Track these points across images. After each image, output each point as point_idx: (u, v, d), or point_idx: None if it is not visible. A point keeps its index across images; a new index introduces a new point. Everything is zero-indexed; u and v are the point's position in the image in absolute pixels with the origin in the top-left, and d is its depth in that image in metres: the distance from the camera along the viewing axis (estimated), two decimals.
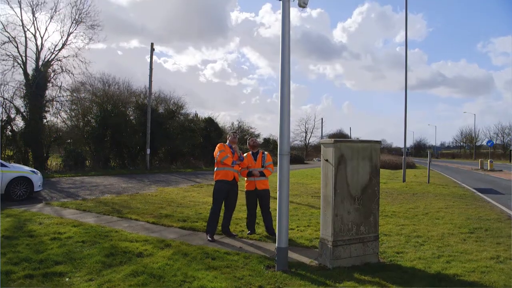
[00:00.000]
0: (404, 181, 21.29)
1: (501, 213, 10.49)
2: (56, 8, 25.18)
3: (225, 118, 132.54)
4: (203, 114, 40.90)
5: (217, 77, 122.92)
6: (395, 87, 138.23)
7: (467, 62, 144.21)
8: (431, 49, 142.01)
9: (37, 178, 12.31)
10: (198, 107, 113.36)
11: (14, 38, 23.79)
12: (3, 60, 23.46)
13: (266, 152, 7.72)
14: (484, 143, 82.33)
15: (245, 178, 7.49)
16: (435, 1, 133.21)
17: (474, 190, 16.90)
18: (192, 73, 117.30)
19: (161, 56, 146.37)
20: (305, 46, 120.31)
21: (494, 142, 79.01)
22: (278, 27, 5.66)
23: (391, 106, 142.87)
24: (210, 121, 36.13)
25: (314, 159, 66.94)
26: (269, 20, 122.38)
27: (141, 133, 29.02)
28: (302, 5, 5.82)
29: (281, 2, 5.68)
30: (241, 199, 7.95)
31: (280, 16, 5.59)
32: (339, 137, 60.42)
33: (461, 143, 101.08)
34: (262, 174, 7.41)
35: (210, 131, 34.90)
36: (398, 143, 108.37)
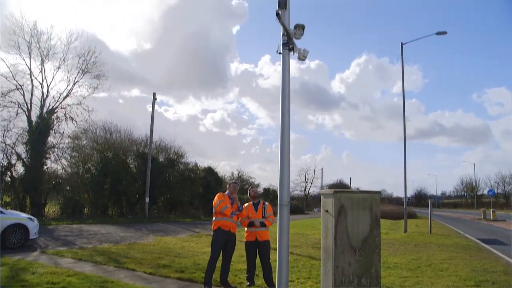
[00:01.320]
0: (405, 231, 20.96)
1: (507, 265, 10.26)
2: (65, 58, 26.08)
3: (224, 168, 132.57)
4: (203, 163, 41.07)
5: (217, 127, 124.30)
6: (393, 137, 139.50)
7: (463, 112, 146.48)
8: (428, 99, 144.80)
9: (33, 225, 12.16)
10: (198, 157, 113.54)
11: (21, 86, 24.47)
12: (9, 107, 23.97)
13: (267, 203, 7.69)
14: (485, 192, 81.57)
15: (245, 229, 7.40)
16: (429, 53, 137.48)
17: (478, 241, 16.61)
18: (192, 123, 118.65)
19: (161, 105, 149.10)
20: (303, 96, 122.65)
21: (496, 191, 78.44)
22: (276, 78, 5.87)
23: (391, 156, 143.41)
24: (210, 171, 36.20)
25: (314, 209, 66.24)
26: (268, 71, 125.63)
27: (141, 182, 28.93)
28: (302, 58, 6.04)
29: (281, 55, 5.90)
30: (240, 249, 7.82)
31: (279, 68, 5.79)
32: (339, 187, 60.06)
33: (462, 192, 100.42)
34: (263, 225, 7.32)
35: (210, 180, 34.86)
36: (398, 192, 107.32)
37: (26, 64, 24.64)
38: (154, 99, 28.95)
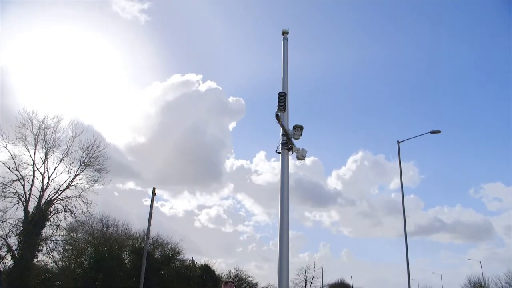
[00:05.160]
0: None
1: None
2: (68, 151, 26.50)
3: (221, 266, 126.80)
4: (199, 260, 39.58)
5: (213, 223, 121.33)
6: (393, 233, 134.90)
7: (462, 207, 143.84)
8: (426, 194, 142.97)
9: None
10: (193, 253, 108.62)
11: (23, 177, 24.56)
12: (8, 197, 23.79)
13: None
14: None
15: None
16: (424, 150, 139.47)
17: None
18: (188, 218, 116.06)
19: (157, 199, 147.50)
20: (299, 192, 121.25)
21: None
22: (271, 174, 5.82)
23: (392, 254, 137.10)
24: (206, 269, 35.10)
25: None
26: (263, 167, 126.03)
27: (135, 278, 27.57)
28: (300, 158, 6.05)
29: (279, 154, 5.92)
30: None
31: (273, 164, 5.86)
32: (341, 287, 57.08)
33: None
34: None
35: (207, 279, 33.57)
36: None
37: (30, 156, 25.10)
38: (154, 194, 28.34)
